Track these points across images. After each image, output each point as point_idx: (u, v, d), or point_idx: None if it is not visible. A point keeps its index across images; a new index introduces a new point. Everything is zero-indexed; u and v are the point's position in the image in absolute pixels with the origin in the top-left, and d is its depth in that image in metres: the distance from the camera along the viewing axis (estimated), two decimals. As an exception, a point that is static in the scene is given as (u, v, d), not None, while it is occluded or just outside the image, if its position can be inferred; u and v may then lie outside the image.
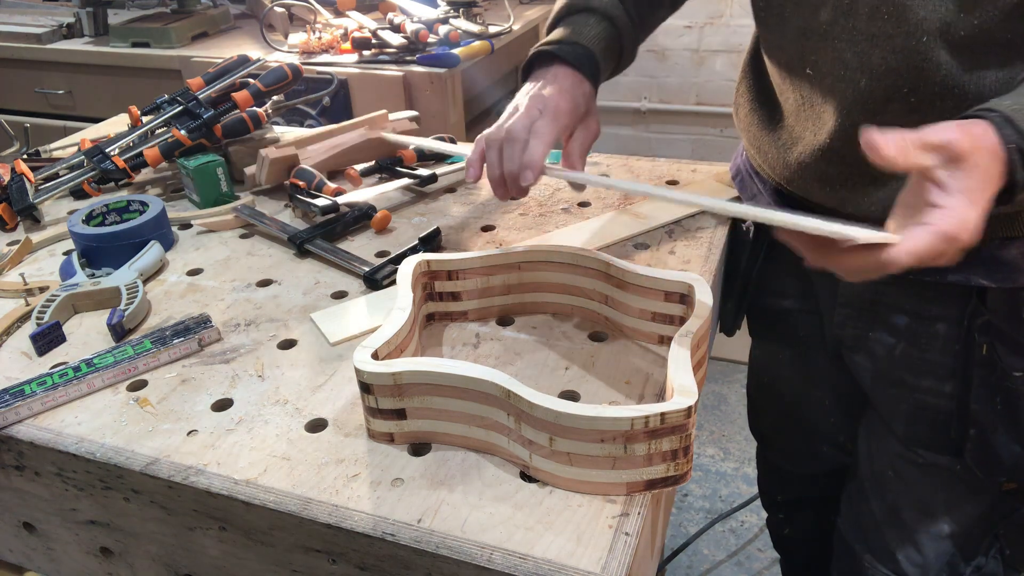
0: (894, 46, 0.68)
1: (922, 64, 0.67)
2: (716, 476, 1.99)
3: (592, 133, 0.80)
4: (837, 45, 0.71)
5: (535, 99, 0.77)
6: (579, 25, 0.83)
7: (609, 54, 0.84)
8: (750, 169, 0.95)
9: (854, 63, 0.70)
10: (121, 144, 1.16)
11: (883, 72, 0.69)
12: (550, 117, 0.75)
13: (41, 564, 0.80)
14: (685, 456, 0.57)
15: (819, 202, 0.81)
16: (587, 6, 0.84)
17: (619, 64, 0.88)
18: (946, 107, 0.68)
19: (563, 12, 0.86)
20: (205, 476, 0.62)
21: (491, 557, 0.53)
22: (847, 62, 0.71)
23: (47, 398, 0.70)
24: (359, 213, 1.01)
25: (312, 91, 1.74)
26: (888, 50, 0.68)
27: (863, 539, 0.98)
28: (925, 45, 0.66)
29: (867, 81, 0.70)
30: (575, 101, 0.78)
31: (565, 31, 0.83)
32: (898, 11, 0.66)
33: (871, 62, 0.69)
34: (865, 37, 0.69)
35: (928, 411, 0.83)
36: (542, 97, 0.76)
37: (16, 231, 1.06)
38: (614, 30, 0.84)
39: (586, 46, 0.81)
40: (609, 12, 0.84)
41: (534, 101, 0.76)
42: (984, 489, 0.86)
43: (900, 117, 0.70)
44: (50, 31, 2.18)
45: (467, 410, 0.61)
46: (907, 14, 0.66)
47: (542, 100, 0.76)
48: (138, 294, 0.84)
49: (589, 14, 0.84)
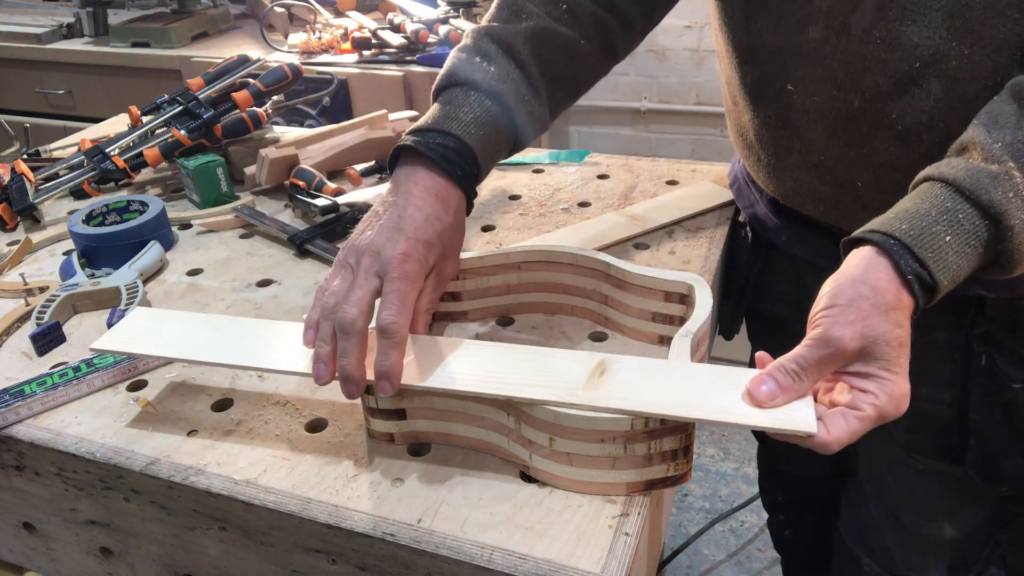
0: (886, 70, 0.66)
1: (913, 92, 0.66)
2: (716, 476, 1.99)
3: (444, 280, 0.66)
4: (828, 64, 0.69)
5: (386, 232, 0.62)
6: (456, 104, 0.68)
7: (492, 142, 0.69)
8: (747, 178, 0.94)
9: (846, 83, 0.69)
10: (121, 144, 1.16)
11: (873, 96, 0.67)
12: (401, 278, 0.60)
13: (41, 564, 0.80)
14: (685, 456, 0.57)
15: (816, 218, 0.81)
16: (469, 79, 0.69)
17: (516, 145, 0.74)
18: (933, 142, 0.67)
19: (444, 80, 0.71)
20: (205, 476, 0.62)
21: (491, 557, 0.53)
22: (837, 82, 0.69)
23: (47, 398, 0.70)
24: (359, 213, 1.01)
25: (312, 91, 1.74)
26: (880, 74, 0.66)
27: (863, 542, 0.98)
28: (918, 72, 0.65)
29: (859, 102, 0.69)
30: (438, 228, 0.64)
31: (438, 113, 0.68)
32: (892, 35, 0.65)
33: (863, 84, 0.68)
34: (858, 59, 0.67)
35: (928, 419, 0.83)
36: (398, 231, 0.62)
37: (16, 231, 1.06)
38: (500, 108, 0.69)
39: (458, 136, 0.66)
40: (494, 88, 0.69)
41: (384, 236, 0.62)
42: (985, 496, 0.86)
43: (888, 144, 0.69)
44: (50, 31, 2.18)
45: (467, 410, 0.61)
46: (901, 39, 0.64)
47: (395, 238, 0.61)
48: (138, 294, 0.84)
49: (469, 89, 0.69)
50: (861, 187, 0.73)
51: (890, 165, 0.70)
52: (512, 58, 0.72)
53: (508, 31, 0.72)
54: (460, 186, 0.67)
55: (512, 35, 0.72)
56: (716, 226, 0.95)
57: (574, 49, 0.76)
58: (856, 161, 0.72)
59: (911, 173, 0.69)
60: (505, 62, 0.71)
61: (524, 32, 0.72)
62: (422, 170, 0.66)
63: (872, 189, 0.73)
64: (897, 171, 0.70)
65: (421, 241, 0.62)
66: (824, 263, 0.86)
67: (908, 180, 0.69)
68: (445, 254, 0.66)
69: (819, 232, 0.84)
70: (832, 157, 0.73)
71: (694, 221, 0.96)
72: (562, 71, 0.76)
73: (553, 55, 0.74)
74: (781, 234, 0.89)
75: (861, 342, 0.53)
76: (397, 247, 0.61)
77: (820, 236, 0.84)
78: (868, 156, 0.71)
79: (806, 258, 0.88)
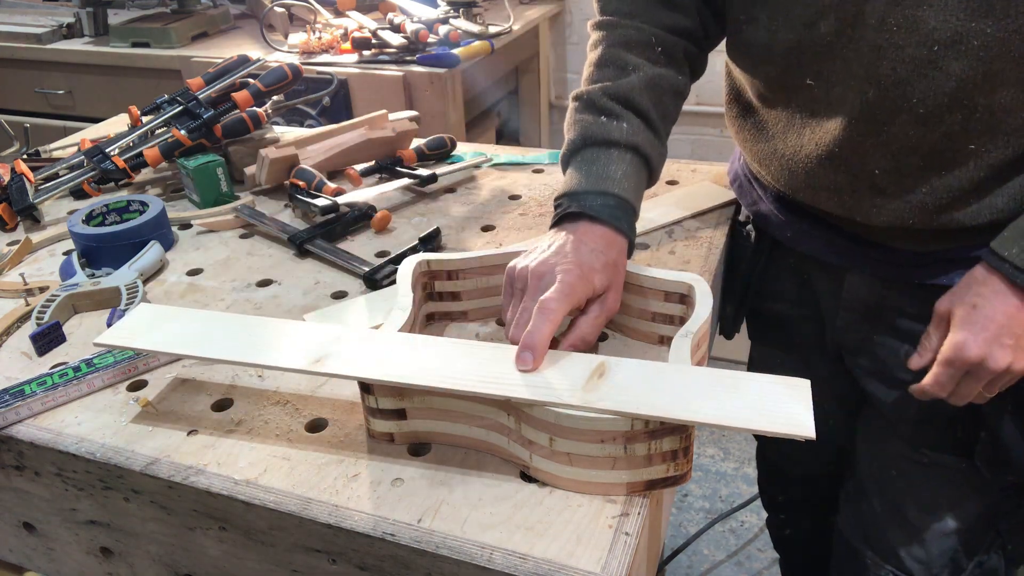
0: (903, 56, 0.66)
1: (933, 75, 0.66)
2: (716, 476, 1.99)
3: (608, 311, 0.69)
4: (845, 55, 0.69)
5: (554, 257, 0.68)
6: (601, 164, 0.74)
7: (640, 190, 0.77)
8: (749, 175, 0.94)
9: (861, 74, 0.69)
10: (121, 144, 1.16)
11: (892, 83, 0.68)
12: (569, 279, 0.66)
13: (41, 564, 0.80)
14: (685, 456, 0.57)
15: (828, 210, 0.81)
16: (607, 138, 0.75)
17: (650, 183, 0.80)
18: (955, 120, 0.67)
19: (578, 143, 0.77)
20: (205, 476, 0.62)
21: (491, 557, 0.53)
22: (854, 73, 0.70)
23: (47, 398, 0.70)
24: (359, 213, 1.01)
25: (312, 91, 1.74)
26: (897, 60, 0.67)
27: (864, 537, 0.98)
28: (936, 55, 0.65)
29: (875, 92, 0.69)
30: (603, 260, 0.69)
31: (586, 175, 0.74)
32: (908, 21, 0.65)
33: (879, 72, 0.68)
34: (872, 48, 0.67)
35: (935, 413, 0.83)
36: (565, 255, 0.68)
37: (16, 231, 1.06)
38: (639, 159, 0.76)
39: (616, 194, 0.72)
40: (632, 141, 0.75)
41: (554, 260, 0.68)
42: (988, 487, 0.86)
43: (908, 128, 0.69)
44: (50, 31, 2.18)
45: (467, 410, 0.61)
46: (918, 24, 0.65)
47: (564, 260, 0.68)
48: (138, 294, 0.84)
49: (610, 147, 0.75)
50: (878, 174, 0.73)
51: (910, 148, 0.71)
52: (634, 110, 0.77)
53: (623, 87, 0.78)
54: (625, 235, 0.72)
55: (628, 89, 0.78)
56: (716, 226, 0.95)
57: (678, 86, 0.82)
58: (875, 148, 0.72)
59: (930, 155, 0.70)
60: (630, 115, 0.77)
61: (638, 85, 0.78)
62: (585, 223, 0.71)
63: (890, 174, 0.73)
64: (916, 154, 0.71)
65: (586, 264, 0.68)
66: (830, 259, 0.86)
67: (927, 163, 0.71)
68: (609, 286, 0.69)
69: (826, 227, 0.84)
70: (850, 146, 0.74)
71: (694, 221, 0.96)
72: (671, 110, 0.82)
73: (663, 98, 0.80)
74: (786, 230, 0.89)
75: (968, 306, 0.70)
76: (567, 264, 0.67)
77: (827, 231, 0.84)
78: (887, 143, 0.71)
79: (811, 254, 0.88)
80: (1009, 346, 0.68)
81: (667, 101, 0.81)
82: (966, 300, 0.70)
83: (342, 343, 0.64)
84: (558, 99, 2.41)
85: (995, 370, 0.68)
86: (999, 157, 0.68)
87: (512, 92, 2.31)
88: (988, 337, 0.68)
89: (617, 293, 0.71)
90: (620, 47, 0.80)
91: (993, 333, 0.68)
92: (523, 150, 1.26)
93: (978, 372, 0.69)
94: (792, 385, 0.56)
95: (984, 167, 0.69)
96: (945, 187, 0.71)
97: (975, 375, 0.70)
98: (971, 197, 0.71)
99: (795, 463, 1.19)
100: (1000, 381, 0.71)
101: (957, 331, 0.69)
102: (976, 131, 0.68)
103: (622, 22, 0.80)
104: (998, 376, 0.69)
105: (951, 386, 0.72)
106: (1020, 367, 0.69)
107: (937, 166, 0.71)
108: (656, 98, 0.79)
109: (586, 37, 0.85)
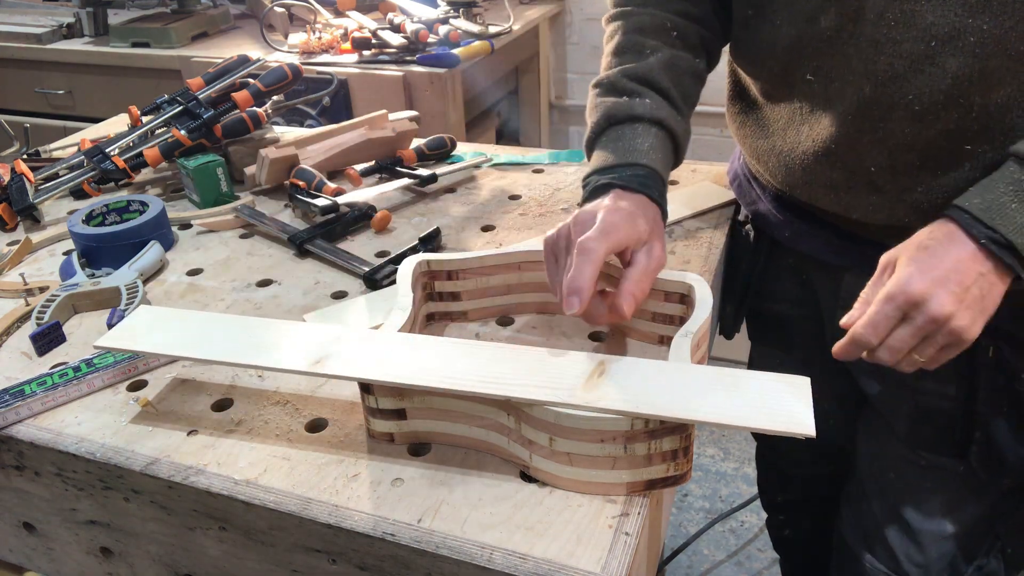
0: (900, 52, 0.66)
1: (929, 71, 0.66)
2: (716, 476, 1.99)
3: (656, 261, 0.68)
4: (845, 51, 0.70)
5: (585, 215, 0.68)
6: (627, 139, 0.75)
7: (668, 165, 0.77)
8: (748, 175, 0.94)
9: (859, 69, 0.69)
10: (121, 144, 1.16)
11: (888, 78, 0.68)
12: (610, 219, 0.66)
13: (41, 564, 0.80)
14: (685, 456, 0.57)
15: (825, 208, 0.81)
16: (631, 114, 0.76)
17: (677, 160, 0.81)
18: (951, 118, 0.67)
19: (603, 124, 0.78)
20: (205, 476, 0.62)
21: (491, 557, 0.53)
22: (852, 68, 0.70)
23: (47, 398, 0.70)
24: (359, 213, 1.01)
25: (312, 91, 1.74)
26: (894, 56, 0.67)
27: (863, 539, 0.98)
28: (933, 51, 0.65)
29: (872, 87, 0.69)
30: (636, 216, 0.68)
31: (612, 151, 0.75)
32: (906, 16, 0.65)
33: (876, 68, 0.68)
34: (870, 43, 0.68)
35: (931, 413, 0.83)
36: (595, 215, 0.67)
37: (16, 231, 1.06)
38: (665, 132, 0.77)
39: (645, 164, 0.73)
40: (656, 116, 0.76)
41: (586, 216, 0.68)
42: (986, 490, 0.86)
43: (904, 125, 0.69)
44: (50, 31, 2.18)
45: (467, 410, 0.61)
46: (915, 19, 0.65)
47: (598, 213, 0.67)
48: (138, 294, 0.84)
49: (635, 123, 0.76)
50: (874, 171, 0.74)
51: (906, 146, 0.71)
52: (655, 89, 0.78)
53: (643, 68, 0.79)
54: (658, 203, 0.72)
55: (647, 70, 0.79)
56: (716, 226, 0.95)
57: (696, 68, 0.83)
58: (871, 145, 0.72)
59: (926, 152, 0.70)
60: (652, 93, 0.78)
61: (656, 65, 0.79)
62: (617, 191, 0.71)
63: (886, 172, 0.73)
64: (912, 151, 0.71)
65: (626, 209, 0.68)
66: (828, 258, 0.86)
67: (923, 160, 0.70)
68: (651, 239, 0.68)
69: (824, 227, 0.84)
70: (847, 142, 0.74)
71: (694, 221, 0.96)
72: (691, 90, 0.83)
73: (683, 78, 0.81)
74: (785, 230, 0.89)
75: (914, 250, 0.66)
76: (608, 208, 0.67)
77: (825, 230, 0.84)
78: (883, 139, 0.71)
79: (810, 254, 0.88)
80: (955, 293, 0.62)
81: (687, 82, 0.81)
82: (915, 242, 0.66)
83: (342, 343, 0.64)
84: (558, 99, 2.41)
85: (936, 315, 0.62)
86: (995, 159, 0.68)
87: (512, 92, 2.31)
88: (936, 277, 0.62)
89: (661, 243, 0.69)
90: (636, 33, 0.81)
91: (941, 274, 0.62)
92: (523, 150, 1.26)
93: (916, 316, 0.63)
94: (792, 383, 0.56)
95: (980, 168, 0.69)
96: (941, 187, 0.71)
97: (912, 320, 0.63)
98: None
99: (795, 464, 1.19)
100: (937, 338, 0.64)
101: (902, 268, 0.64)
102: (972, 130, 0.67)
103: (636, 10, 0.82)
104: (937, 327, 0.63)
105: (885, 330, 0.64)
106: (960, 325, 0.62)
107: (933, 165, 0.71)
108: (675, 78, 0.80)
109: (586, 37, 0.86)
